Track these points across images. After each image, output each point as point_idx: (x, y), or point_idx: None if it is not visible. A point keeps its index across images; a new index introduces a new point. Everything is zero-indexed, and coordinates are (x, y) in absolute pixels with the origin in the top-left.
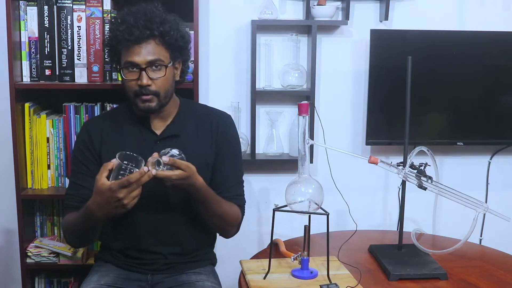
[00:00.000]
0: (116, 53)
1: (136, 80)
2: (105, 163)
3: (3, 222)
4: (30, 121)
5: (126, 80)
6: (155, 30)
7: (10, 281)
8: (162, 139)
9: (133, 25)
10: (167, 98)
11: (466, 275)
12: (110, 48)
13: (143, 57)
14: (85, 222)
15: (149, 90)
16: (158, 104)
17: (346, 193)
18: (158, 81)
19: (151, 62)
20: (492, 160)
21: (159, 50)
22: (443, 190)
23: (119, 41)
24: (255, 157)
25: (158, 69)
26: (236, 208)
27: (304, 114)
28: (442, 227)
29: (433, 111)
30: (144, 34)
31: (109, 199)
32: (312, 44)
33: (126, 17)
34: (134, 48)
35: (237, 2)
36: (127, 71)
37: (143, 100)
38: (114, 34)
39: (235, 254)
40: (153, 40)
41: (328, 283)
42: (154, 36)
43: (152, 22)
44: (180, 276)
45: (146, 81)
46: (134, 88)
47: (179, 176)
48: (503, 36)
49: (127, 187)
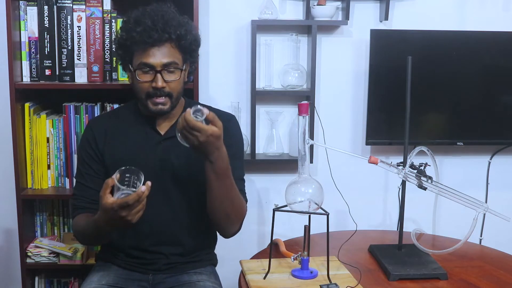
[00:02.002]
0: (129, 53)
1: (150, 82)
2: (106, 180)
3: (3, 222)
4: (30, 121)
5: (139, 81)
6: (172, 34)
7: (10, 281)
8: (166, 139)
9: (151, 27)
10: (178, 99)
11: (466, 275)
12: (123, 48)
13: (159, 60)
14: (96, 231)
15: (163, 92)
16: (171, 106)
17: (346, 193)
18: (172, 84)
19: (167, 64)
20: (492, 160)
21: (174, 53)
22: (443, 190)
23: (136, 42)
24: (255, 157)
25: (173, 71)
26: (243, 200)
27: (304, 114)
28: (442, 227)
29: (433, 111)
30: (162, 37)
31: (113, 217)
32: (312, 44)
33: (143, 19)
34: (150, 50)
35: (237, 2)
36: (141, 72)
37: (155, 103)
38: (130, 35)
39: (235, 254)
40: (169, 43)
41: (328, 283)
42: (172, 39)
43: (170, 26)
44: (181, 276)
45: (161, 83)
46: (147, 90)
47: (214, 133)
48: (503, 36)
49: (127, 208)
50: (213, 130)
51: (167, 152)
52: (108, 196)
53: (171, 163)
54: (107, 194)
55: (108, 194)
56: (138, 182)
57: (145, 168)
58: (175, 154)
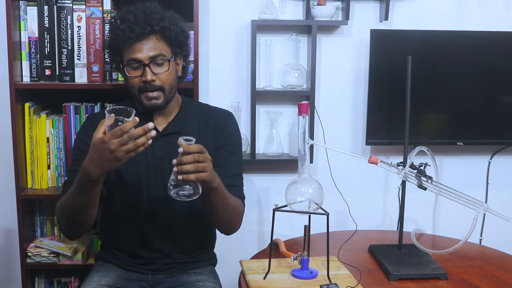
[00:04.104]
0: (118, 53)
1: (140, 77)
2: (102, 120)
3: (3, 222)
4: (30, 121)
5: (129, 77)
6: (155, 26)
7: (10, 281)
8: (163, 135)
9: (133, 22)
10: (172, 93)
11: (466, 275)
12: (112, 48)
13: (146, 53)
14: (80, 190)
15: (154, 86)
16: (164, 100)
17: (346, 193)
18: (162, 76)
19: (154, 57)
20: (492, 160)
21: (160, 45)
22: (443, 190)
23: (121, 39)
24: (255, 157)
25: (161, 64)
26: (236, 198)
27: (304, 114)
28: (442, 227)
29: (433, 111)
30: (145, 30)
31: (101, 152)
32: (312, 44)
33: (125, 16)
34: (136, 45)
35: (237, 2)
36: (130, 68)
37: (149, 98)
38: (115, 33)
39: (235, 254)
40: (154, 36)
41: (328, 283)
42: (155, 31)
43: (152, 18)
44: (180, 276)
45: (150, 76)
46: (138, 85)
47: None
48: (503, 36)
49: (120, 137)
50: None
51: (164, 148)
52: (101, 134)
53: (169, 159)
54: (101, 133)
55: (101, 133)
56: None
57: (143, 164)
58: (172, 150)
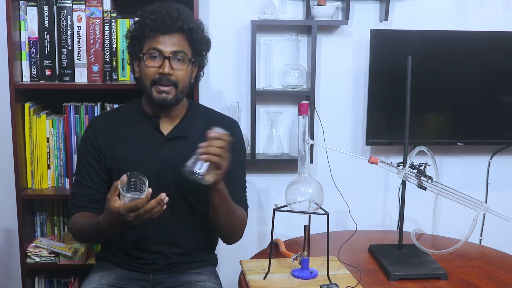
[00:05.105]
0: (140, 42)
1: (157, 68)
2: (114, 182)
3: (3, 222)
4: (30, 121)
5: (146, 66)
6: (185, 24)
7: (10, 281)
8: (168, 139)
9: (166, 15)
10: (183, 93)
11: (466, 275)
12: (134, 38)
13: (169, 47)
14: (97, 231)
15: (169, 80)
16: (175, 97)
17: (346, 193)
18: (179, 73)
19: (176, 52)
20: (492, 160)
21: (184, 44)
22: (443, 190)
23: (148, 27)
24: (255, 157)
25: (181, 61)
26: (243, 210)
27: (304, 114)
28: (442, 227)
29: (433, 111)
30: (175, 25)
31: (119, 220)
32: (312, 44)
33: (158, 9)
34: (161, 37)
35: (237, 2)
36: (149, 57)
37: (160, 91)
38: (143, 22)
39: (235, 254)
40: (181, 34)
41: (328, 283)
42: (183, 30)
43: (184, 18)
44: (181, 276)
45: (168, 69)
46: (153, 76)
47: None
48: (503, 36)
49: (135, 211)
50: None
51: (169, 152)
52: (116, 198)
53: (173, 163)
54: (115, 197)
55: (115, 196)
56: (144, 186)
57: (147, 168)
58: (177, 154)
